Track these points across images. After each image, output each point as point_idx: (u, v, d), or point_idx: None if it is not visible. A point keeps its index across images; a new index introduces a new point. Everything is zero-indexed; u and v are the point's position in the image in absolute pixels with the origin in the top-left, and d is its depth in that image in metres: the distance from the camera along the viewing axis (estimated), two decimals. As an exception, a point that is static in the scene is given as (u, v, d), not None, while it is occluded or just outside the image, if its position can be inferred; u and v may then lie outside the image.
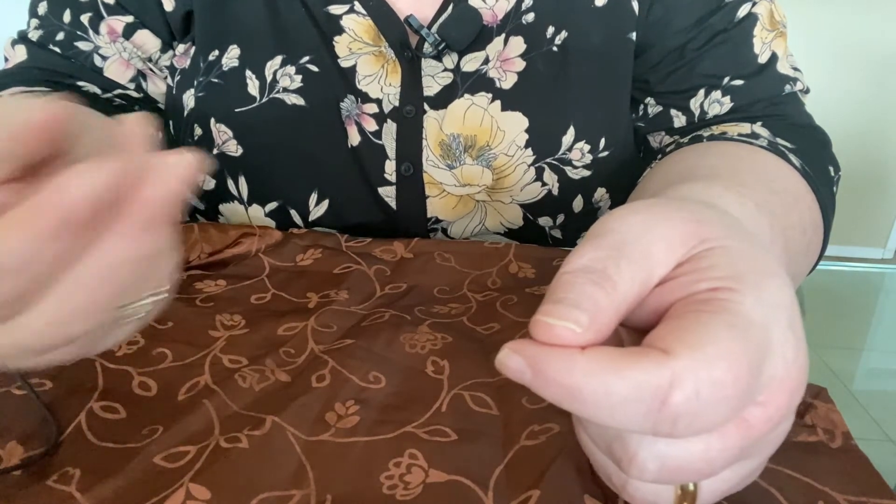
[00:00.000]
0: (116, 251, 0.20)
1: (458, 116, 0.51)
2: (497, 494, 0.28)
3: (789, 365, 0.21)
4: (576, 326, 0.20)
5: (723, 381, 0.19)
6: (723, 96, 0.52)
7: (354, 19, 0.51)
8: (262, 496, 0.27)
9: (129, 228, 0.20)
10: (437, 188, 0.52)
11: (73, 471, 0.28)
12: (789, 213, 0.38)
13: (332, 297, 0.43)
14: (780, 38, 0.53)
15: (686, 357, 0.19)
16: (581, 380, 0.19)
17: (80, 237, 0.19)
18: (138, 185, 0.20)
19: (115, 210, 0.20)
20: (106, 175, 0.19)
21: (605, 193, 0.55)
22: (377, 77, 0.51)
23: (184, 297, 0.42)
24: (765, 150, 0.44)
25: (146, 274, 0.22)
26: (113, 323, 0.23)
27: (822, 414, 0.32)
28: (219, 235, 0.47)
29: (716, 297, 0.20)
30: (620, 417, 0.19)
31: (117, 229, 0.20)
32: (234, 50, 0.51)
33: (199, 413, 0.32)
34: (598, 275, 0.21)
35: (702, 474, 0.21)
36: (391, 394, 0.34)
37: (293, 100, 0.51)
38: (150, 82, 0.55)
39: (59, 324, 0.21)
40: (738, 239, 0.22)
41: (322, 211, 0.53)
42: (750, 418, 0.20)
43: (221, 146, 0.52)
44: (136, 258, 0.21)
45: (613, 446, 0.21)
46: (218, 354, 0.36)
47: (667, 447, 0.20)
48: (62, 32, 0.53)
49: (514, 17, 0.52)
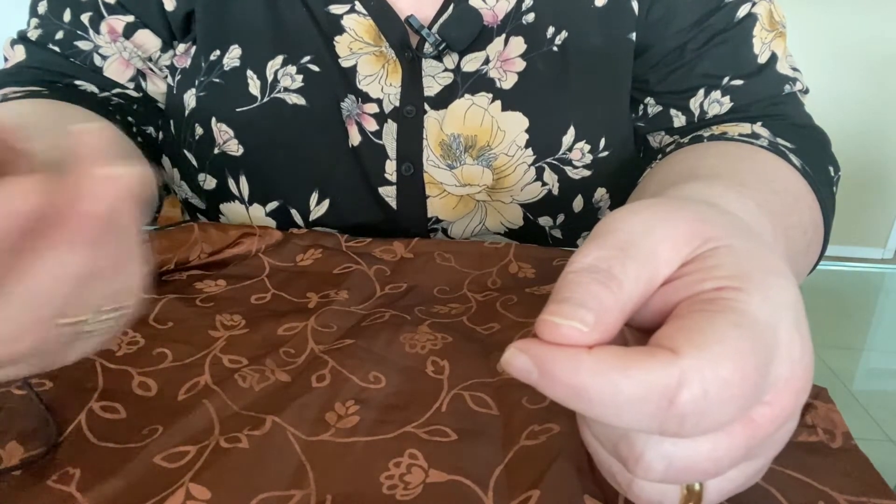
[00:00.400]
0: (54, 267, 0.20)
1: (458, 116, 0.51)
2: (497, 494, 0.28)
3: (795, 364, 0.21)
4: (582, 326, 0.19)
5: (730, 381, 0.19)
6: (722, 96, 0.52)
7: (355, 19, 0.51)
8: (262, 496, 0.27)
9: (66, 244, 0.20)
10: (438, 188, 0.52)
11: (73, 471, 0.28)
12: (790, 213, 0.38)
13: (332, 297, 0.43)
14: (780, 39, 0.53)
15: (693, 356, 0.19)
16: (588, 379, 0.19)
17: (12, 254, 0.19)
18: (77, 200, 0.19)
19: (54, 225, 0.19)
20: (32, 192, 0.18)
21: (606, 193, 0.55)
22: (378, 77, 0.51)
23: (184, 297, 0.42)
24: (765, 150, 0.44)
25: (97, 289, 0.22)
26: (73, 337, 0.23)
27: (822, 414, 0.32)
28: (219, 235, 0.47)
29: (721, 297, 0.20)
30: (627, 417, 0.19)
31: (54, 245, 0.20)
32: (235, 50, 0.51)
33: (199, 413, 0.32)
34: (604, 274, 0.20)
35: (708, 474, 0.21)
36: (391, 394, 0.34)
37: (294, 99, 0.51)
38: (149, 82, 0.55)
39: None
40: (743, 238, 0.22)
41: (323, 210, 0.53)
42: (756, 418, 0.20)
43: (222, 146, 0.52)
44: (77, 274, 0.20)
45: (619, 446, 0.21)
46: (218, 354, 0.36)
47: (673, 447, 0.20)
48: (62, 31, 0.52)
49: (514, 18, 0.52)
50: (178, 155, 0.55)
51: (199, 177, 0.54)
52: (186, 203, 0.59)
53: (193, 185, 0.56)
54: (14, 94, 0.49)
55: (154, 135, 0.57)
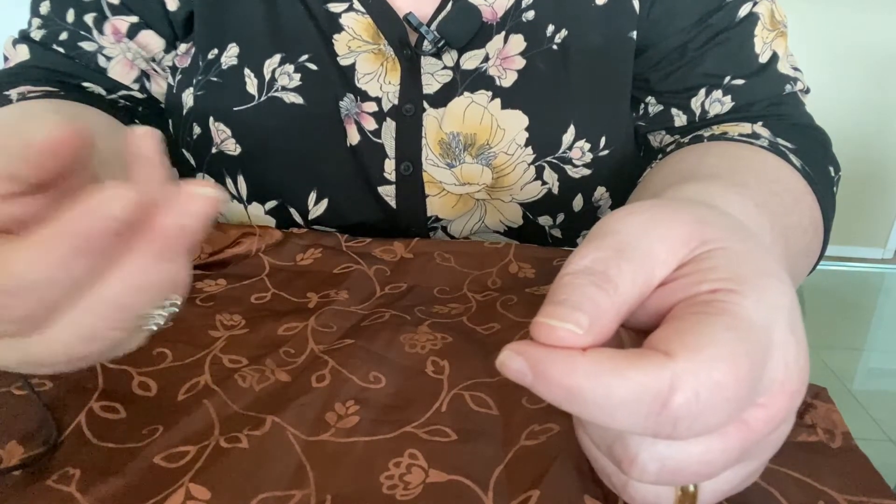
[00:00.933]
0: (133, 278, 0.21)
1: (457, 115, 0.51)
2: (497, 494, 0.28)
3: (790, 367, 0.21)
4: (577, 328, 0.20)
5: (723, 383, 0.19)
6: (723, 96, 0.52)
7: (353, 17, 0.51)
8: (262, 496, 0.27)
9: (145, 257, 0.21)
10: (437, 187, 0.52)
11: (73, 471, 0.28)
12: (790, 214, 0.38)
13: (332, 297, 0.43)
14: (781, 38, 0.53)
15: (687, 359, 0.19)
16: (582, 381, 0.19)
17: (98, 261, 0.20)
18: (156, 213, 0.20)
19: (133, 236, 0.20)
20: (127, 202, 0.19)
21: (606, 192, 0.55)
22: (376, 75, 0.51)
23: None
24: (765, 151, 0.44)
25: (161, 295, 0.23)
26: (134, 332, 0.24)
27: (822, 414, 0.32)
28: (219, 235, 0.47)
29: (717, 299, 0.20)
30: (621, 419, 0.19)
31: (134, 257, 0.21)
32: (233, 48, 0.51)
33: (199, 413, 0.32)
34: (600, 276, 0.21)
35: (702, 476, 0.21)
36: (391, 394, 0.34)
37: (292, 98, 0.51)
38: (153, 82, 0.55)
39: (72, 344, 0.21)
40: (740, 240, 0.22)
41: (322, 210, 0.53)
42: (750, 420, 0.20)
43: (220, 145, 0.52)
44: (152, 285, 0.21)
45: (614, 447, 0.21)
46: (218, 354, 0.36)
47: (667, 448, 0.20)
48: (65, 32, 0.52)
49: (513, 15, 0.52)
50: (177, 154, 0.55)
51: (197, 176, 0.54)
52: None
53: None
54: (31, 93, 0.49)
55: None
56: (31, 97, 0.48)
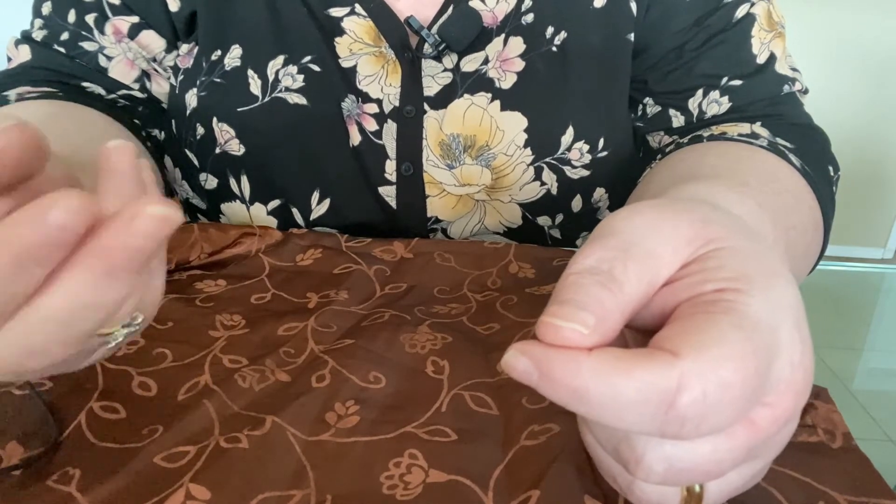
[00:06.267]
0: (77, 295, 0.20)
1: (457, 116, 0.51)
2: (497, 494, 0.28)
3: (796, 366, 0.21)
4: (582, 328, 0.19)
5: (730, 383, 0.18)
6: (721, 96, 0.52)
7: (355, 21, 0.52)
8: (262, 496, 0.27)
9: (92, 273, 0.20)
10: (437, 188, 0.52)
11: (73, 471, 0.28)
12: (790, 214, 0.38)
13: (332, 297, 0.43)
14: (779, 39, 0.53)
15: (693, 358, 0.18)
16: (588, 381, 0.19)
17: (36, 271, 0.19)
18: (106, 229, 0.19)
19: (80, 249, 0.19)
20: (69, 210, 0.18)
21: (605, 193, 0.55)
22: (377, 77, 0.51)
23: (184, 297, 0.42)
24: (765, 150, 0.44)
25: (114, 315, 0.22)
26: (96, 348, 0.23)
27: (822, 414, 0.32)
28: (219, 235, 0.47)
29: (722, 298, 0.20)
30: (628, 419, 0.19)
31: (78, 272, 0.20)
32: (236, 49, 0.51)
33: (199, 413, 0.32)
34: (605, 276, 0.20)
35: (709, 475, 0.21)
36: (391, 394, 0.34)
37: (295, 99, 0.51)
38: (153, 82, 0.55)
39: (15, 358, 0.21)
40: (744, 239, 0.22)
41: (323, 210, 0.53)
42: (757, 419, 0.20)
43: (223, 145, 0.52)
44: (99, 304, 0.20)
45: (620, 448, 0.21)
46: (218, 354, 0.36)
47: (674, 448, 0.20)
48: (67, 32, 0.52)
49: (513, 18, 0.52)
50: (180, 154, 0.55)
51: (200, 176, 0.54)
52: (187, 203, 0.59)
53: (195, 184, 0.56)
54: (29, 94, 0.49)
55: (159, 136, 0.57)
56: (29, 98, 0.48)
